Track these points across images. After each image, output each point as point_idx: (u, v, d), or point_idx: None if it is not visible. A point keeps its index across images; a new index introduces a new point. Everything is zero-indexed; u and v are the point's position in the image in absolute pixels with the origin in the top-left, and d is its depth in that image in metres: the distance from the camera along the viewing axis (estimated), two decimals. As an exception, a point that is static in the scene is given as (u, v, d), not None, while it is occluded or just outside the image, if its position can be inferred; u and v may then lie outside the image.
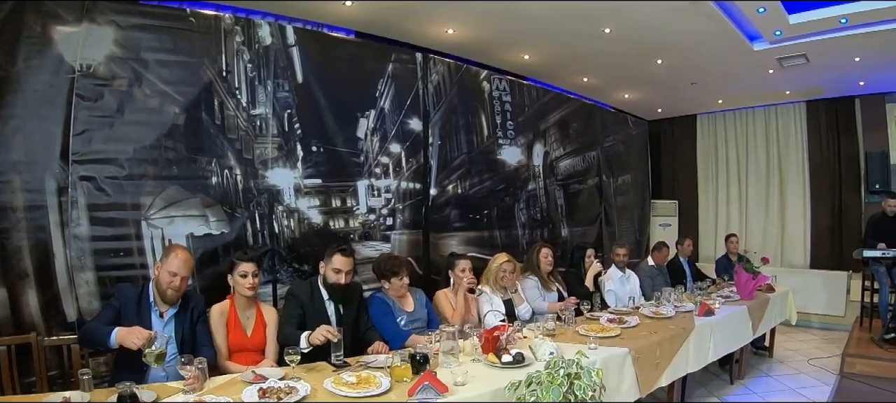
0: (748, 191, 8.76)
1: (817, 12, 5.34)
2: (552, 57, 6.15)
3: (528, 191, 5.66)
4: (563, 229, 6.19)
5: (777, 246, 8.47)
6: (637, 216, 7.94)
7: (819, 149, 8.06)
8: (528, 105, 5.74)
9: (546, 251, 4.46)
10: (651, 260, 5.87)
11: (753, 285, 5.15)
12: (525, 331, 3.30)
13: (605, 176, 7.05)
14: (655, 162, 9.42)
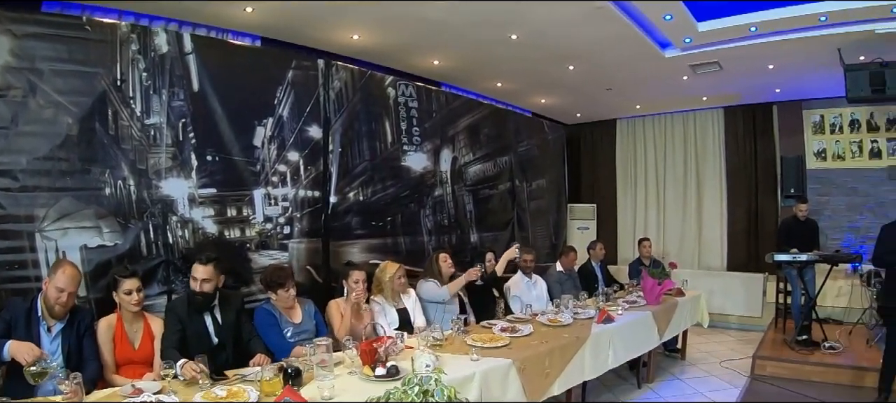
0: (666, 194, 9.88)
1: (726, 20, 6.21)
2: (462, 62, 6.85)
3: (435, 197, 6.29)
4: (472, 234, 6.88)
5: (694, 249, 9.62)
6: (552, 220, 8.79)
7: (736, 153, 9.25)
8: (436, 111, 6.37)
9: (445, 255, 5.02)
10: (560, 266, 6.60)
11: (659, 290, 5.84)
12: (412, 341, 3.61)
13: (518, 180, 7.81)
14: (575, 166, 10.41)
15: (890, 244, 4.86)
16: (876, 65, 6.25)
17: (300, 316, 3.89)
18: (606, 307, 5.09)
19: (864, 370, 5.64)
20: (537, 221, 8.34)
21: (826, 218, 8.59)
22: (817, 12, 5.73)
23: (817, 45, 6.26)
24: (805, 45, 6.27)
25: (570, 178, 10.23)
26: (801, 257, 6.50)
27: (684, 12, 5.81)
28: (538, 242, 8.24)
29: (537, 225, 8.34)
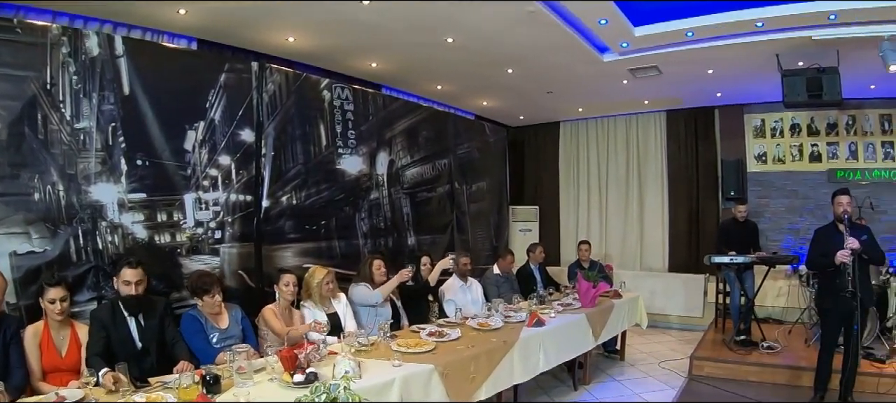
0: (609, 196, 10.57)
1: (663, 25, 6.67)
2: (401, 65, 7.27)
3: (371, 200, 6.69)
4: (409, 237, 7.31)
5: (636, 250, 10.32)
6: (493, 222, 9.29)
7: (678, 156, 9.98)
8: (372, 113, 6.75)
9: (379, 262, 5.37)
10: (497, 268, 7.08)
11: (594, 293, 6.27)
12: (336, 347, 3.86)
13: (457, 183, 8.28)
14: (518, 168, 10.99)
15: (822, 247, 5.30)
16: (813, 70, 6.81)
17: (227, 321, 4.18)
18: (538, 310, 5.49)
19: (801, 369, 6.11)
20: (477, 223, 8.83)
21: (766, 220, 9.37)
22: (754, 18, 6.22)
23: (756, 50, 6.78)
24: (743, 50, 6.79)
25: (513, 180, 10.80)
26: (738, 259, 7.12)
27: (620, 17, 6.24)
28: (478, 244, 8.75)
29: (477, 228, 8.83)
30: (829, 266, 5.11)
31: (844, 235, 5.04)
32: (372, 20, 5.86)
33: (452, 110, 9.33)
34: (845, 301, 4.98)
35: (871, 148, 9.03)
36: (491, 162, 9.31)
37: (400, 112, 7.29)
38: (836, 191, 5.40)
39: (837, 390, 5.27)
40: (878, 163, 8.99)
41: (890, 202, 8.84)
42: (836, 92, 6.78)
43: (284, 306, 4.45)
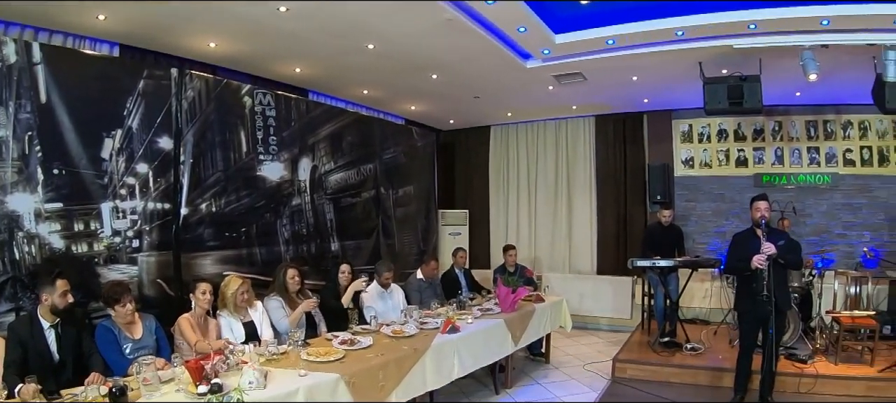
0: (538, 200, 11.27)
1: (584, 33, 7.03)
2: (325, 70, 7.68)
3: (293, 206, 7.11)
4: (332, 243, 7.76)
5: (565, 253, 11.05)
6: (421, 226, 9.82)
7: (606, 160, 10.72)
8: (295, 119, 7.18)
9: (293, 271, 5.60)
10: (420, 274, 7.50)
11: (513, 298, 6.65)
12: (247, 356, 3.92)
13: (383, 188, 8.78)
14: (448, 171, 11.58)
15: (739, 251, 5.63)
16: (735, 78, 7.31)
17: (140, 331, 4.38)
18: (454, 316, 5.80)
19: (722, 370, 6.56)
20: (404, 228, 9.34)
21: (693, 223, 10.23)
22: (674, 27, 6.63)
23: (679, 57, 7.28)
24: (667, 57, 7.29)
25: (443, 184, 11.38)
26: (660, 263, 7.71)
27: (539, 24, 6.63)
28: (405, 249, 9.28)
29: (404, 232, 9.34)
30: (745, 270, 5.47)
31: (761, 240, 5.40)
32: (291, 27, 6.19)
33: (381, 114, 9.85)
34: (761, 304, 5.29)
35: (797, 153, 9.91)
36: (419, 166, 9.84)
37: (324, 117, 7.73)
38: (755, 196, 5.76)
39: (758, 390, 5.66)
40: (803, 168, 9.87)
41: (815, 206, 9.75)
42: (756, 99, 7.29)
43: (200, 315, 4.75)
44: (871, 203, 9.57)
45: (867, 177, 9.60)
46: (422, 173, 9.97)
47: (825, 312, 7.70)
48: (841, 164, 9.71)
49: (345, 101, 9.12)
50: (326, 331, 5.55)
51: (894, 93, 6.60)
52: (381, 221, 8.80)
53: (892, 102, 6.67)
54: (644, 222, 10.32)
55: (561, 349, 8.53)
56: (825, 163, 9.79)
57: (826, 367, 6.67)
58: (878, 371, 6.48)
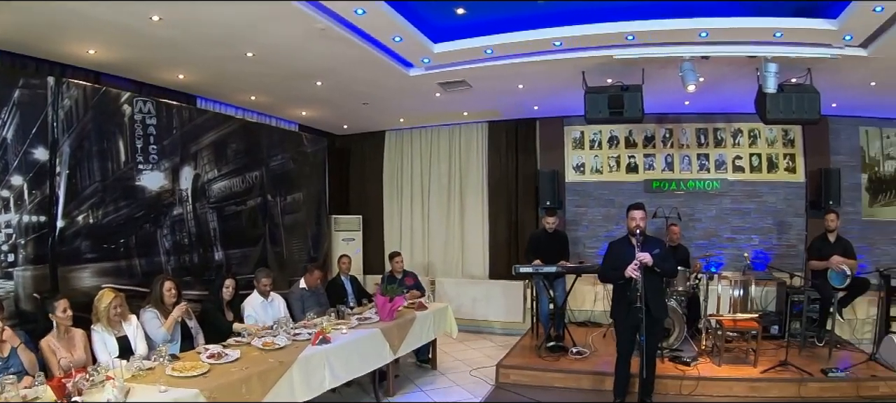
0: (431, 205, 12.00)
1: (463, 42, 7.54)
2: (208, 77, 8.05)
3: (174, 216, 7.51)
4: (216, 253, 8.20)
5: (458, 258, 11.81)
6: (311, 233, 10.35)
7: (498, 166, 11.51)
8: (176, 127, 7.57)
9: (170, 284, 5.90)
10: (303, 283, 7.88)
11: (391, 307, 7.03)
12: (112, 372, 4.07)
13: (270, 195, 9.26)
14: (343, 177, 12.17)
15: (613, 260, 5.98)
16: (616, 88, 7.90)
17: (7, 349, 4.54)
18: (328, 327, 6.08)
19: (605, 374, 6.87)
20: (293, 235, 9.85)
21: (584, 228, 11.17)
22: (552, 37, 7.14)
23: (562, 67, 7.85)
24: (550, 66, 7.85)
25: (337, 189, 11.99)
26: (543, 269, 8.34)
27: (415, 33, 7.09)
28: (294, 256, 9.79)
29: (293, 239, 9.85)
30: (619, 278, 5.82)
31: (636, 249, 5.76)
32: (168, 35, 6.46)
33: (273, 120, 10.32)
34: (635, 312, 5.63)
35: (687, 159, 10.95)
36: (309, 172, 10.36)
37: (207, 125, 8.15)
38: (631, 205, 6.07)
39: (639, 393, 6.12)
40: (693, 174, 10.92)
41: (704, 211, 10.82)
42: (637, 109, 7.87)
43: (63, 332, 4.97)
44: (760, 208, 10.73)
45: (756, 183, 10.74)
46: (312, 179, 10.48)
47: (708, 316, 8.34)
48: (730, 171, 10.82)
49: (234, 107, 9.54)
50: (205, 343, 5.88)
51: (775, 104, 7.45)
52: (268, 229, 9.27)
53: (774, 113, 7.51)
54: (535, 227, 11.01)
55: (451, 354, 9.11)
56: (715, 169, 10.88)
57: (710, 369, 7.25)
58: (761, 371, 7.09)
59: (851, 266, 7.91)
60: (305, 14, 6.07)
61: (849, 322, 9.02)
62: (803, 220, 10.56)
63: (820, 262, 8.20)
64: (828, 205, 9.69)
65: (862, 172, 10.65)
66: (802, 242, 10.25)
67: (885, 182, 10.65)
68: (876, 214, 10.64)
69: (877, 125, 10.60)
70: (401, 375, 7.87)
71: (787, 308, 8.87)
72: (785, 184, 10.70)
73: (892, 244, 10.52)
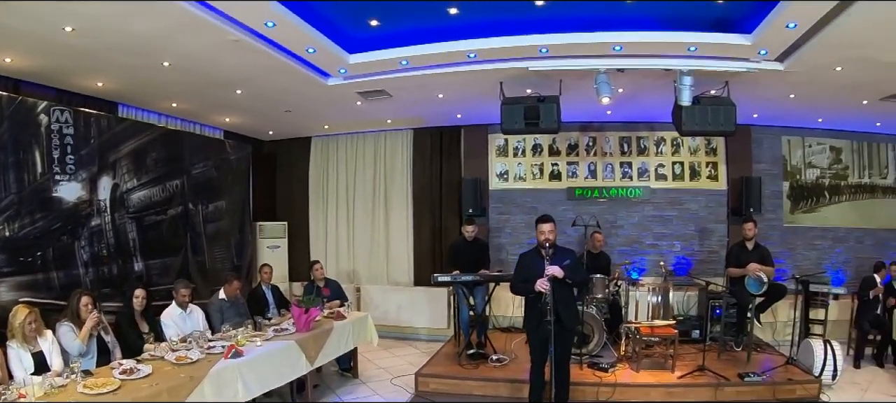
0: (356, 211, 12.14)
1: (378, 54, 7.60)
2: (128, 84, 7.99)
3: (92, 227, 7.50)
4: (136, 264, 8.20)
5: (383, 265, 11.98)
6: (234, 241, 10.40)
7: (423, 173, 11.71)
8: (94, 136, 7.55)
9: (87, 299, 5.84)
10: (223, 293, 7.79)
11: (306, 318, 7.02)
12: (25, 389, 4.14)
13: (191, 203, 9.29)
14: (269, 183, 12.21)
15: (523, 273, 6.07)
16: (533, 99, 8.04)
17: None
18: (241, 340, 6.15)
19: (522, 382, 6.90)
20: (216, 244, 9.90)
21: (507, 235, 11.45)
22: (466, 49, 7.27)
23: (480, 77, 7.99)
24: (468, 77, 7.99)
25: (264, 196, 12.06)
26: (461, 278, 8.50)
27: (329, 45, 7.17)
28: (217, 265, 9.83)
29: (216, 248, 9.89)
30: (530, 292, 5.87)
31: (545, 262, 5.82)
32: (82, 44, 6.39)
33: (197, 126, 10.29)
34: (545, 324, 5.66)
35: (610, 168, 11.34)
36: (232, 180, 10.41)
37: (127, 133, 8.15)
38: (538, 218, 6.13)
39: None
40: (616, 181, 11.31)
41: (627, 218, 11.24)
42: (552, 121, 8.04)
43: None
44: (682, 215, 11.18)
45: (678, 191, 11.20)
46: (235, 187, 10.53)
47: (627, 322, 8.67)
48: (653, 178, 11.25)
49: (157, 114, 9.49)
50: (121, 357, 5.85)
51: (691, 116, 7.75)
52: (190, 238, 9.30)
53: (689, 125, 7.83)
54: (459, 234, 11.31)
55: (374, 362, 9.27)
56: (637, 177, 11.29)
57: (628, 375, 7.50)
58: (679, 377, 7.37)
59: (768, 273, 8.35)
60: (217, 26, 6.11)
61: (770, 324, 9.56)
62: (725, 227, 11.07)
63: (737, 269, 8.62)
64: (748, 213, 10.21)
65: (784, 180, 11.25)
66: (724, 248, 10.58)
67: (806, 189, 11.30)
68: (797, 221, 11.28)
69: (799, 135, 11.23)
70: (321, 384, 7.98)
71: (707, 312, 9.22)
72: (707, 192, 11.19)
73: (812, 249, 11.19)
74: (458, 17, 6.71)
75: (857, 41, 6.34)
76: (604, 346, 8.33)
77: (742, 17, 6.65)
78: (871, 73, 7.49)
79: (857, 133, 11.14)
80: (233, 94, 8.77)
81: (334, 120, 11.05)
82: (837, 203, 11.31)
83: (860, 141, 11.27)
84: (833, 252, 11.18)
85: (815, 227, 11.25)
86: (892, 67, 7.17)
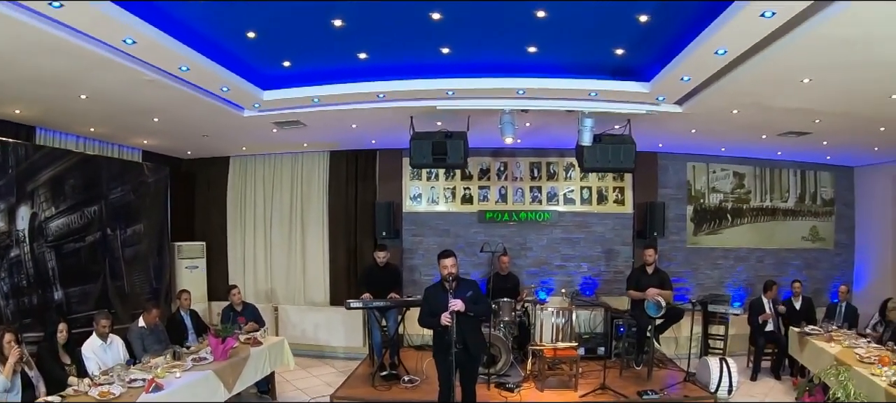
0: (274, 231, 12.36)
1: (291, 91, 8.03)
2: (45, 112, 8.02)
3: (11, 258, 7.54)
4: (56, 292, 8.23)
5: (300, 285, 12.23)
6: (153, 264, 10.45)
7: (338, 195, 12.04)
8: (12, 166, 7.59)
9: (9, 336, 5.76)
10: (142, 322, 7.81)
11: (223, 348, 7.10)
12: None
13: (110, 229, 9.34)
14: (187, 202, 12.27)
15: (429, 305, 6.45)
16: (441, 135, 8.45)
17: None
18: (161, 372, 6.23)
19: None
20: (134, 268, 9.95)
21: (420, 256, 11.90)
22: (375, 91, 7.74)
23: (392, 113, 8.42)
24: (380, 112, 8.45)
25: (183, 215, 12.10)
26: (372, 304, 8.94)
27: (242, 84, 7.54)
28: (136, 289, 9.90)
29: (135, 272, 9.95)
30: (436, 325, 6.23)
31: (449, 296, 6.15)
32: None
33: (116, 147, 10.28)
34: (451, 354, 6.06)
35: (520, 192, 11.92)
36: (150, 203, 10.48)
37: (45, 161, 8.21)
38: (440, 253, 6.49)
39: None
40: (525, 205, 11.89)
41: (536, 240, 11.84)
42: (459, 156, 8.48)
43: None
44: (589, 237, 11.85)
45: (586, 215, 11.87)
46: (153, 209, 10.60)
47: (530, 345, 9.03)
48: (562, 203, 11.90)
49: (75, 136, 9.48)
50: (46, 392, 5.85)
51: (592, 155, 8.37)
52: (108, 263, 9.35)
53: (591, 162, 8.48)
54: (373, 256, 11.64)
55: (292, 383, 9.48)
56: (547, 201, 11.91)
57: (533, 394, 7.96)
58: (581, 395, 7.88)
59: (666, 297, 8.95)
60: (131, 68, 6.27)
61: (673, 339, 10.22)
62: (630, 248, 11.81)
63: (637, 292, 9.23)
64: (653, 237, 11.00)
65: (688, 204, 12.06)
66: (629, 268, 11.20)
67: (708, 212, 12.14)
68: (699, 242, 12.12)
69: (704, 161, 12.07)
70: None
71: (611, 330, 9.94)
72: (614, 215, 11.89)
73: (715, 268, 12.06)
74: (367, 60, 7.09)
75: (749, 90, 7.01)
76: (511, 366, 8.82)
77: (641, 66, 7.21)
78: (765, 116, 8.25)
79: (759, 159, 12.04)
80: (150, 121, 8.87)
81: (251, 143, 11.26)
82: (739, 225, 12.22)
83: (763, 167, 12.19)
84: (734, 270, 12.10)
85: (717, 248, 12.13)
86: (784, 111, 7.93)
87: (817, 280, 12.09)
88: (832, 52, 5.52)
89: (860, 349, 7.36)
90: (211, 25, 6.05)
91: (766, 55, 5.76)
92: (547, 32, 6.14)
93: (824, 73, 6.22)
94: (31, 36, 5.22)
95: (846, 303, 9.87)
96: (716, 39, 5.54)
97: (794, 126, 8.85)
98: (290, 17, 5.75)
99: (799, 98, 7.22)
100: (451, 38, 6.40)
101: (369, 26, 6.01)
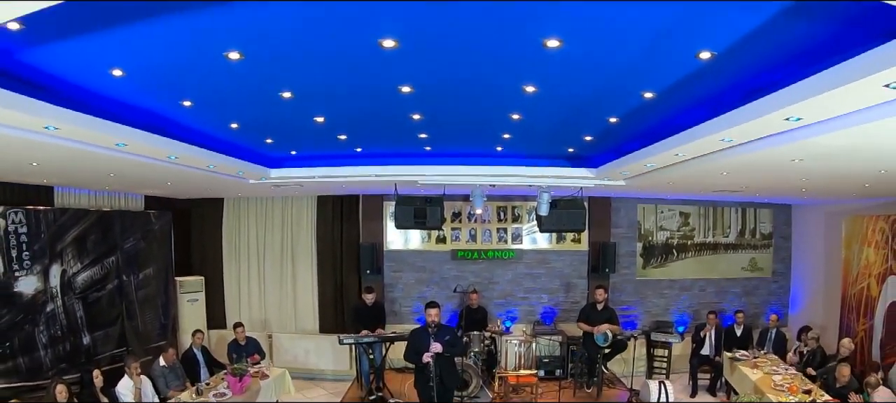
0: (266, 267, 13.50)
1: (293, 170, 9.91)
2: (61, 175, 8.83)
3: (47, 313, 8.56)
4: (84, 338, 9.28)
5: (291, 315, 13.41)
6: (161, 302, 11.49)
7: (325, 235, 13.23)
8: (44, 231, 8.60)
9: (62, 387, 6.64)
10: (162, 361, 8.86)
11: (241, 385, 8.23)
12: None
13: (125, 276, 10.37)
14: (186, 239, 13.27)
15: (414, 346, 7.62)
16: (421, 200, 9.56)
17: None
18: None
19: None
20: (147, 307, 10.99)
21: (400, 290, 13.17)
22: (366, 172, 9.62)
23: (378, 182, 9.98)
24: (368, 180, 9.96)
25: (182, 251, 13.12)
26: (363, 340, 10.30)
27: (254, 167, 9.06)
28: (148, 327, 10.97)
29: (147, 311, 10.99)
30: (419, 362, 7.51)
31: (431, 339, 7.46)
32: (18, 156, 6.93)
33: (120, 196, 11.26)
34: (430, 389, 7.39)
35: (488, 233, 13.18)
36: (157, 247, 11.49)
37: (70, 222, 9.22)
38: (427, 303, 7.79)
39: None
40: (493, 244, 13.16)
41: (502, 275, 13.15)
42: (436, 220, 9.67)
43: None
44: (549, 272, 13.18)
45: (546, 252, 13.19)
46: (159, 253, 11.60)
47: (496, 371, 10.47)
48: (525, 242, 13.20)
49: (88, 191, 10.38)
50: None
51: (549, 220, 9.79)
52: (125, 306, 10.39)
53: (547, 226, 10.05)
54: (358, 289, 12.69)
55: (295, 402, 10.58)
56: (511, 240, 13.21)
57: None
58: None
59: (614, 330, 10.25)
60: (159, 165, 7.46)
61: (625, 359, 11.25)
62: (586, 282, 13.10)
63: (586, 325, 10.45)
64: (604, 272, 12.48)
65: (638, 241, 13.36)
66: (585, 299, 12.51)
67: (656, 248, 13.40)
68: (648, 274, 13.42)
69: (653, 203, 13.34)
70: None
71: (567, 354, 11.52)
72: (571, 253, 13.21)
73: (661, 297, 13.40)
74: (360, 151, 8.85)
75: (682, 175, 8.16)
76: (481, 389, 10.03)
77: (591, 155, 8.91)
78: (699, 184, 9.61)
79: (703, 201, 13.32)
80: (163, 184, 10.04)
81: (249, 193, 12.59)
82: (684, 259, 13.51)
83: (707, 206, 13.45)
84: (679, 299, 13.42)
85: (663, 279, 13.45)
86: (715, 184, 9.39)
87: (755, 305, 13.39)
88: (741, 165, 6.91)
89: (777, 376, 8.76)
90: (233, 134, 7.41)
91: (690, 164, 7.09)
92: (516, 133, 7.46)
93: (740, 175, 7.88)
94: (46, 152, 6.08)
95: (776, 330, 11.17)
96: (645, 159, 7.27)
97: (726, 188, 10.16)
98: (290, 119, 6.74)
99: (725, 182, 8.76)
100: (431, 137, 7.80)
101: (356, 125, 7.18)
